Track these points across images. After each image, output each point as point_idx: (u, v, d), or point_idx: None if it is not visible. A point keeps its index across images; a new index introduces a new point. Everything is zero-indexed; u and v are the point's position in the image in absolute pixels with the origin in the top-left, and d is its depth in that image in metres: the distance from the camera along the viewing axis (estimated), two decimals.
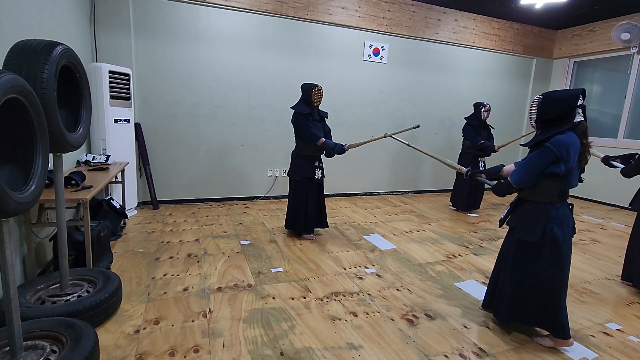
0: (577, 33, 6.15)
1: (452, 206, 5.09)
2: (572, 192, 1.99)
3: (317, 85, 3.38)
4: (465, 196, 4.81)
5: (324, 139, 3.36)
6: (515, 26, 6.10)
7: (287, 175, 3.63)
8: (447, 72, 5.85)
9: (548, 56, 6.54)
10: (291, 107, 3.46)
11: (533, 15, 5.66)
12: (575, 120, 1.85)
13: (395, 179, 5.89)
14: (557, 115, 1.85)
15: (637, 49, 5.23)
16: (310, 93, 3.39)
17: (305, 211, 3.45)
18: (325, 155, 3.50)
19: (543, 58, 6.51)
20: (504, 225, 2.12)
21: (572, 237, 1.96)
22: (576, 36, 6.18)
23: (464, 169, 2.37)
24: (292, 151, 3.62)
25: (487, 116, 4.70)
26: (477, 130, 4.70)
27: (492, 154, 4.76)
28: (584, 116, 1.89)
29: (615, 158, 2.91)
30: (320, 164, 3.52)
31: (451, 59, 5.82)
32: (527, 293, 1.99)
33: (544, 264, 1.93)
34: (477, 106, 4.71)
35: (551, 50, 6.54)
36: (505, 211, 2.12)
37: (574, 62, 6.39)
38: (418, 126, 3.82)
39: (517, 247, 2.01)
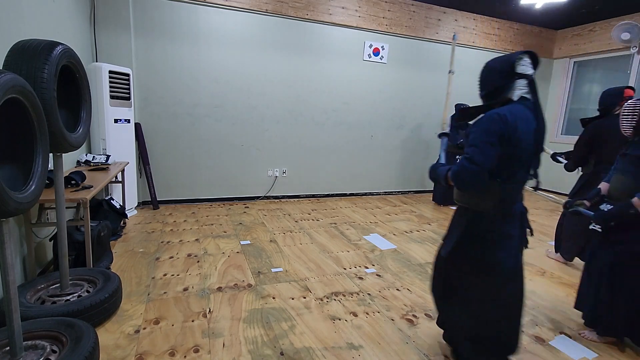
0: (577, 33, 6.15)
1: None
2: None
3: None
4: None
5: None
6: (515, 26, 6.10)
7: None
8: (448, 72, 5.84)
9: (548, 56, 6.54)
10: None
11: (533, 15, 5.66)
12: None
13: (395, 179, 5.89)
14: None
15: (637, 49, 5.23)
16: None
17: None
18: None
19: (543, 58, 6.50)
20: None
21: None
22: (576, 36, 6.18)
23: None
24: None
25: None
26: (456, 130, 4.88)
27: None
28: None
29: (560, 154, 3.22)
30: None
31: None
32: None
33: None
34: (457, 107, 4.96)
35: (551, 50, 6.54)
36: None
37: (574, 62, 6.39)
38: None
39: (635, 261, 1.90)
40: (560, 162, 3.22)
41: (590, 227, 2.03)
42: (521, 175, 1.53)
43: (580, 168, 3.02)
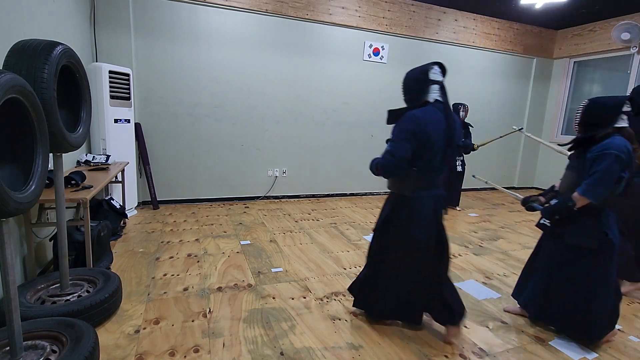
0: (577, 33, 6.16)
1: None
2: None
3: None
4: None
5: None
6: (515, 26, 6.10)
7: None
8: (448, 72, 5.83)
9: (548, 56, 6.54)
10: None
11: (533, 15, 5.66)
12: (617, 125, 1.86)
13: None
14: (602, 120, 1.87)
15: (637, 49, 5.23)
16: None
17: None
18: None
19: (543, 58, 6.51)
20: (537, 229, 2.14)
21: None
22: (576, 36, 6.18)
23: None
24: None
25: (466, 116, 4.77)
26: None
27: (471, 152, 4.76)
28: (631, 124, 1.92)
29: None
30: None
31: (451, 59, 5.82)
32: (589, 299, 1.95)
33: (599, 271, 1.93)
34: (456, 106, 4.78)
35: (551, 50, 6.54)
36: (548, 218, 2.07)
37: (574, 62, 6.39)
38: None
39: (572, 254, 1.97)
40: None
41: (541, 221, 2.10)
42: (435, 165, 1.85)
43: None
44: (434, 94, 1.86)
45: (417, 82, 1.90)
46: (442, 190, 1.93)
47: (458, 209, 5.02)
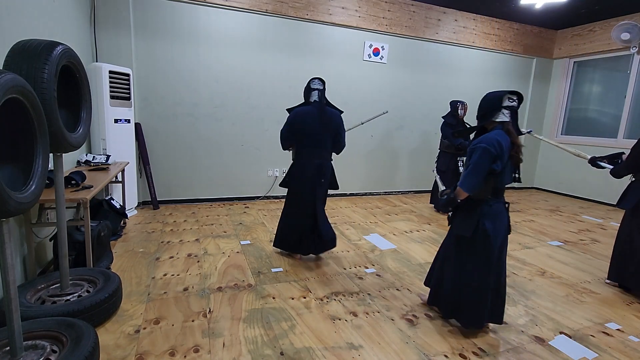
0: (577, 33, 6.16)
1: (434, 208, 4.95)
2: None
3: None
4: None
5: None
6: (515, 26, 6.10)
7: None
8: (447, 72, 5.84)
9: (548, 56, 6.54)
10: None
11: (533, 15, 5.66)
12: (497, 120, 1.93)
13: (395, 178, 5.89)
14: (484, 112, 1.99)
15: (637, 49, 5.23)
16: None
17: None
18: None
19: (543, 58, 6.51)
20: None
21: (507, 234, 2.03)
22: (576, 36, 6.18)
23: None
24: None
25: (464, 114, 4.65)
26: (455, 129, 4.60)
27: None
28: (515, 118, 1.96)
29: (602, 159, 2.86)
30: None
31: (451, 59, 5.82)
32: (463, 287, 2.05)
33: (474, 259, 2.00)
34: (454, 104, 4.64)
35: (551, 50, 6.54)
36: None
37: (574, 62, 6.40)
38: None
39: (455, 242, 2.08)
40: (603, 168, 2.81)
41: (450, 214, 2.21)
42: (310, 143, 2.82)
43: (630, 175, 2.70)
44: (314, 97, 2.86)
45: (306, 90, 2.91)
46: (324, 160, 2.86)
47: None
